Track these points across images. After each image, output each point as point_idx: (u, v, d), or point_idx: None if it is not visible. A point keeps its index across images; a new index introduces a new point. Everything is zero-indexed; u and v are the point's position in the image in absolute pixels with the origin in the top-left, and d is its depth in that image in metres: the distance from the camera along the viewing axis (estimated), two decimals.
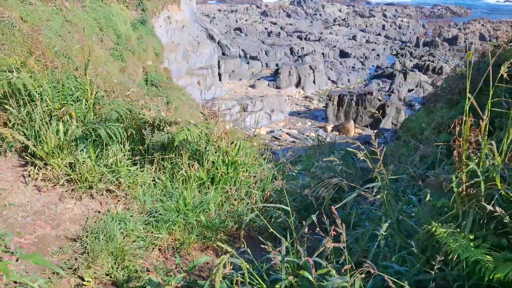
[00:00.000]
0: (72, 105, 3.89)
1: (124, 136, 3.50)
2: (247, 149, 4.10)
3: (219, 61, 44.83)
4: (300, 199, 3.52)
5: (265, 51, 57.47)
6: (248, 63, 51.93)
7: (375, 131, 31.49)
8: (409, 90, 44.01)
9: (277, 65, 51.88)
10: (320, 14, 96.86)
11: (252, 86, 44.04)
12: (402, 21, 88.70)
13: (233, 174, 3.48)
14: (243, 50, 58.18)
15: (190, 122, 3.91)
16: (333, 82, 48.23)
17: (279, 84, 44.04)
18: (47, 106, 3.80)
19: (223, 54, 53.49)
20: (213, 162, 3.59)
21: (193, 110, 20.25)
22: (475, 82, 4.21)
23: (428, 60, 55.79)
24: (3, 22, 8.19)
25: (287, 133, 30.12)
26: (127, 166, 3.41)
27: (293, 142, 28.09)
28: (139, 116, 3.69)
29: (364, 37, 71.43)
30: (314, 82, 45.63)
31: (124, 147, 3.57)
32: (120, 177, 3.32)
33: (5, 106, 3.75)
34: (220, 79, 43.86)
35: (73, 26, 14.44)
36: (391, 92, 42.44)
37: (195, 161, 3.59)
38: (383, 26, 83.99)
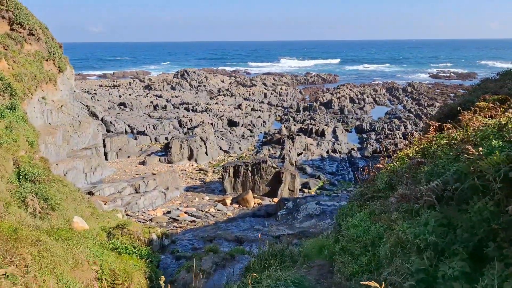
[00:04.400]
0: None
1: None
2: None
3: (104, 140, 42.10)
4: None
5: (153, 125, 56.08)
6: (135, 138, 49.82)
7: (275, 199, 31.44)
8: (298, 154, 45.78)
9: (166, 138, 50.61)
10: (204, 86, 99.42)
11: (143, 163, 41.84)
12: (281, 88, 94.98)
13: None
14: (129, 126, 56.04)
15: None
16: (225, 151, 48.26)
17: (171, 159, 42.57)
18: None
19: (108, 131, 50.78)
20: None
21: (78, 203, 17.86)
22: (435, 188, 3.58)
23: (310, 124, 59.54)
24: None
25: (185, 212, 28.40)
26: None
27: (193, 221, 26.44)
28: None
29: (248, 105, 74.37)
30: (206, 153, 45.10)
31: None
32: None
33: None
34: (106, 159, 40.95)
35: None
36: (282, 158, 43.70)
37: None
38: (265, 94, 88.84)
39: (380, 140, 52.18)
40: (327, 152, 47.69)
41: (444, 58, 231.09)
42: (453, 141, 4.02)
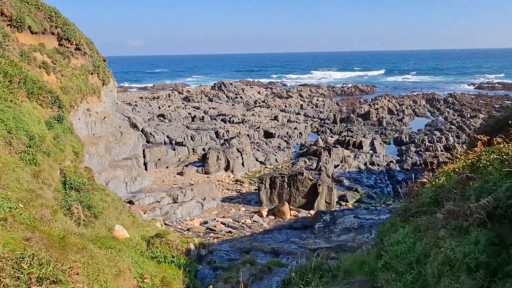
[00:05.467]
0: None
1: None
2: None
3: (144, 150, 43.22)
4: None
5: (191, 136, 57.05)
6: (174, 149, 50.80)
7: (311, 211, 31.13)
8: (335, 166, 45.21)
9: (204, 149, 51.32)
10: (241, 97, 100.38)
11: (180, 173, 42.56)
12: (317, 100, 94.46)
13: None
14: (168, 137, 57.29)
15: None
16: (261, 163, 48.37)
17: (208, 169, 43.08)
18: None
19: (148, 142, 52.08)
20: None
21: (119, 212, 18.33)
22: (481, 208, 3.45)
23: (347, 136, 58.77)
24: None
25: (221, 223, 28.58)
26: None
27: (229, 232, 26.56)
28: None
29: (285, 116, 74.35)
30: (242, 164, 45.35)
31: None
32: None
33: None
34: (146, 169, 41.97)
35: None
36: (318, 169, 43.30)
37: None
38: (301, 105, 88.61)
39: (420, 152, 50.75)
40: (365, 164, 46.86)
41: (488, 68, 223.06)
42: (505, 157, 3.86)
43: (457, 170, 4.79)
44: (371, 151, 51.80)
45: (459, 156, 5.60)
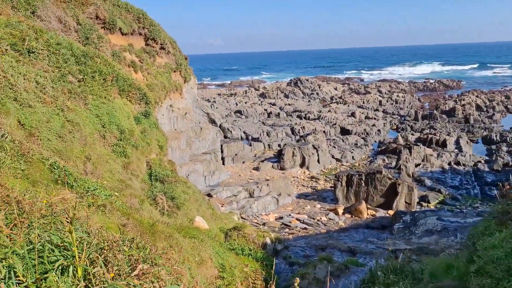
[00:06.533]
0: (56, 279, 2.70)
1: None
2: None
3: (221, 145, 44.52)
4: None
5: (267, 132, 57.68)
6: (250, 145, 51.72)
7: (390, 211, 30.06)
8: (416, 165, 43.15)
9: (279, 145, 51.62)
10: (317, 93, 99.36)
11: (256, 169, 43.24)
12: (398, 96, 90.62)
13: None
14: (244, 132, 58.44)
15: None
16: (337, 160, 47.57)
17: (283, 165, 43.29)
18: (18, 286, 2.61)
19: (225, 137, 53.56)
20: None
21: (199, 204, 19.09)
22: None
23: (430, 133, 55.75)
24: None
25: (297, 219, 28.62)
26: None
27: (305, 229, 26.51)
28: None
29: (362, 113, 72.36)
30: (318, 161, 44.95)
31: None
32: None
33: None
34: (223, 163, 43.22)
35: (74, 125, 13.81)
36: (398, 168, 41.61)
37: None
38: (380, 101, 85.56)
39: None
40: (449, 164, 44.13)
41: None
42: None
43: None
44: (456, 150, 48.65)
45: None
